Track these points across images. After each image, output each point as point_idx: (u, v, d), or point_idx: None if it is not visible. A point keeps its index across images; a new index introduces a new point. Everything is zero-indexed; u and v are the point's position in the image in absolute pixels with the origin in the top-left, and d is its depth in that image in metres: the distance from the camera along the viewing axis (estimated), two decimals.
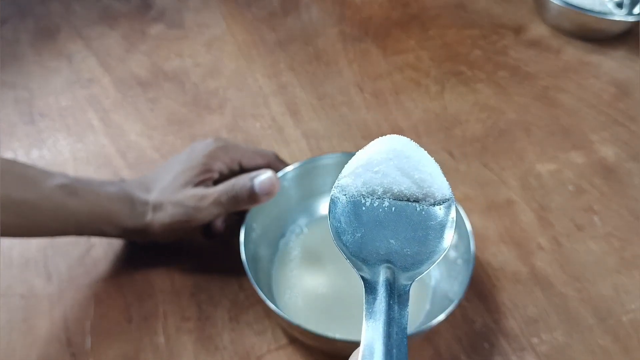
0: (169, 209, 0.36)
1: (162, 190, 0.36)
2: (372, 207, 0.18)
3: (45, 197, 0.34)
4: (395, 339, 0.15)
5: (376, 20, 0.59)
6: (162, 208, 0.36)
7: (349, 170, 0.19)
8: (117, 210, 0.36)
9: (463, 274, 0.34)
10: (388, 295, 0.16)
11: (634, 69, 0.54)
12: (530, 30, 0.58)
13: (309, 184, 0.40)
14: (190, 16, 0.59)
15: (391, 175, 0.18)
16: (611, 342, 0.36)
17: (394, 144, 0.19)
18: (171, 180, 0.37)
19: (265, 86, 0.52)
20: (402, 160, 0.19)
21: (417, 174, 0.18)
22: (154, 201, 0.36)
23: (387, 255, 0.17)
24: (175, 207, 0.35)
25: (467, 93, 0.52)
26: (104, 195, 0.36)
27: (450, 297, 0.34)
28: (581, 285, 0.39)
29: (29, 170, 0.35)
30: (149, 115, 0.50)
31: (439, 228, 0.18)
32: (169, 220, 0.35)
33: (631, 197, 0.44)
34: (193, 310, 0.37)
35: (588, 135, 0.49)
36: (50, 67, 0.53)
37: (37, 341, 0.35)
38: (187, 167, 0.37)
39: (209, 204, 0.35)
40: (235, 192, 0.35)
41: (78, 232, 0.36)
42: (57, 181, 0.35)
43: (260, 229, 0.37)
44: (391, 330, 0.15)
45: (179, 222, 0.35)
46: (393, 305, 0.16)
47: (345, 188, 0.18)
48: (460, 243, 0.35)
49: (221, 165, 0.37)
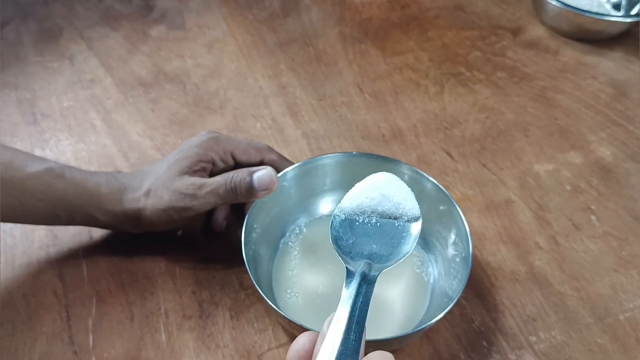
0: (164, 195, 0.35)
1: (157, 178, 0.36)
2: (363, 223, 0.26)
3: (32, 177, 0.35)
4: (360, 304, 0.22)
5: (376, 21, 0.59)
6: (157, 194, 0.36)
7: (348, 196, 0.27)
8: (106, 194, 0.36)
9: (461, 272, 0.34)
10: (361, 279, 0.23)
11: (631, 69, 0.55)
12: (529, 31, 0.59)
13: (308, 183, 0.40)
14: (191, 17, 0.59)
15: (377, 199, 0.26)
16: (609, 341, 0.36)
17: (381, 178, 0.27)
18: (166, 169, 0.37)
19: (266, 87, 0.53)
20: (385, 189, 0.26)
21: (395, 199, 0.26)
22: (148, 187, 0.36)
23: (368, 255, 0.25)
24: (171, 193, 0.35)
25: (466, 93, 0.52)
26: (93, 180, 0.36)
27: (450, 295, 0.34)
28: (579, 284, 0.39)
29: (19, 154, 0.36)
30: (151, 115, 0.50)
31: (408, 238, 0.25)
32: (163, 206, 0.35)
33: (629, 196, 0.45)
34: (194, 309, 0.37)
35: (586, 136, 0.49)
36: (53, 68, 0.54)
37: (39, 339, 0.36)
38: (182, 157, 0.37)
39: (206, 192, 0.35)
40: (234, 184, 0.35)
41: (68, 217, 0.36)
42: (46, 165, 0.36)
43: (261, 229, 0.37)
44: (358, 299, 0.22)
45: (174, 209, 0.35)
46: (363, 285, 0.23)
47: (344, 209, 0.26)
48: (458, 242, 0.36)
49: (214, 155, 0.37)
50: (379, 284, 0.31)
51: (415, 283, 0.37)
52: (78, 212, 0.36)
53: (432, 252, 0.38)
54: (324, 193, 0.41)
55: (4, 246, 0.40)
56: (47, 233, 0.41)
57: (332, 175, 0.40)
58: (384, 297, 0.36)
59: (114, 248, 0.40)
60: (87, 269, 0.39)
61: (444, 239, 0.37)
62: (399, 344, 0.35)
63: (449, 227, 0.37)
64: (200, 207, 0.35)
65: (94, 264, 0.39)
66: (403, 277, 0.38)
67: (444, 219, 0.37)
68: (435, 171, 0.46)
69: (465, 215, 0.35)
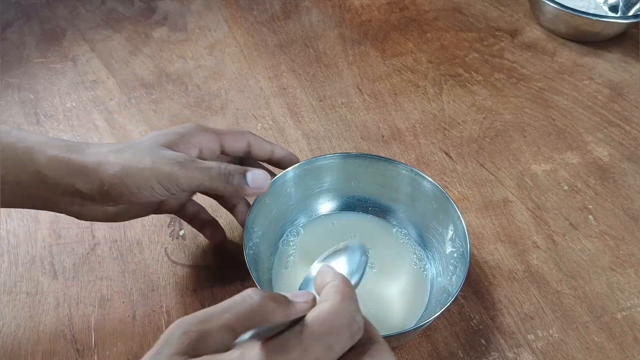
0: (145, 157, 0.29)
1: (137, 143, 0.31)
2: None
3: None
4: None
5: (375, 23, 0.60)
6: (135, 153, 0.30)
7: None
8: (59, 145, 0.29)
9: (460, 268, 0.35)
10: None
11: (628, 70, 0.55)
12: (526, 33, 0.59)
13: (308, 184, 0.40)
14: (193, 20, 0.60)
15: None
16: (606, 339, 0.37)
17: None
18: (148, 138, 0.32)
19: (267, 88, 0.53)
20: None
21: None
22: (122, 147, 0.30)
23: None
24: (155, 157, 0.30)
25: (464, 94, 0.53)
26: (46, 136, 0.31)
27: (449, 291, 0.34)
28: (576, 283, 0.40)
29: None
30: (153, 116, 0.50)
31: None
32: (143, 166, 0.29)
33: (625, 196, 0.45)
34: (195, 307, 0.38)
35: (583, 136, 0.49)
36: (55, 69, 0.54)
37: (42, 338, 0.36)
38: (165, 133, 0.32)
39: (197, 167, 0.30)
40: (229, 170, 0.31)
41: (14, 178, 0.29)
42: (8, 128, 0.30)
43: (261, 229, 0.38)
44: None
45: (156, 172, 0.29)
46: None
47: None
48: (456, 239, 0.36)
49: (202, 140, 0.33)
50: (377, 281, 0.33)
51: (413, 280, 0.38)
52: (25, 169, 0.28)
53: (430, 249, 0.39)
54: (322, 193, 0.41)
55: (7, 245, 0.41)
56: (51, 233, 0.41)
57: (330, 176, 0.40)
58: (383, 294, 0.37)
59: (116, 247, 0.41)
60: (90, 268, 0.40)
61: (442, 236, 0.38)
62: (398, 342, 0.35)
63: (446, 224, 0.37)
64: (186, 181, 0.30)
65: (97, 263, 0.40)
66: (402, 274, 0.38)
67: (441, 216, 0.37)
68: (434, 171, 0.46)
69: (464, 215, 0.36)
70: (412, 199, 0.39)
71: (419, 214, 0.39)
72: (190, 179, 0.30)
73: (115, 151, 0.30)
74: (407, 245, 0.39)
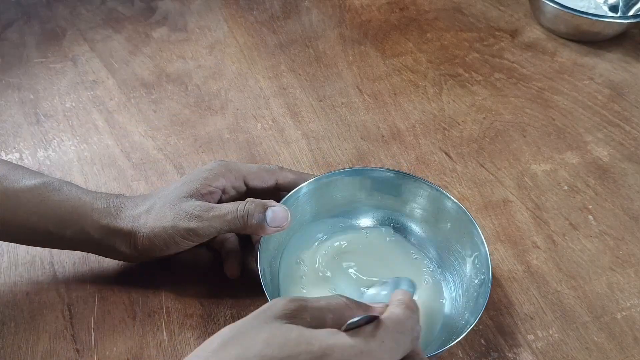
0: (167, 213, 0.34)
1: (162, 197, 0.35)
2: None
3: (28, 190, 0.34)
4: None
5: (375, 23, 0.60)
6: (160, 212, 0.34)
7: None
8: (102, 208, 0.34)
9: (481, 297, 0.34)
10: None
11: (628, 70, 0.55)
12: (526, 33, 0.59)
13: (321, 199, 0.39)
14: (193, 20, 0.60)
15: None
16: (606, 339, 0.37)
17: None
18: (173, 190, 0.35)
19: (267, 88, 0.53)
20: None
21: None
22: (151, 205, 0.34)
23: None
24: (175, 213, 0.33)
25: (464, 95, 0.53)
26: (91, 194, 0.35)
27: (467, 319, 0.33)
28: (576, 283, 0.40)
29: (15, 168, 0.35)
30: (152, 116, 0.50)
31: None
32: (165, 224, 0.33)
33: (625, 196, 0.45)
34: (196, 307, 0.38)
35: (583, 136, 0.50)
36: (55, 69, 0.54)
37: (42, 337, 0.36)
38: (190, 180, 0.36)
39: (213, 216, 0.33)
40: (246, 212, 0.33)
41: (59, 232, 0.34)
42: (44, 179, 0.35)
43: (273, 244, 0.36)
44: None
45: (176, 229, 0.33)
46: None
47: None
48: (477, 263, 0.35)
49: (224, 182, 0.36)
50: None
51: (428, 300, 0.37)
52: (70, 226, 0.34)
53: (449, 270, 0.38)
54: (336, 208, 0.40)
55: (6, 245, 0.41)
56: None
57: (344, 191, 0.39)
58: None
59: None
60: (90, 268, 0.40)
61: (462, 259, 0.37)
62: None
63: (467, 246, 0.36)
64: (204, 231, 0.33)
65: (97, 263, 0.40)
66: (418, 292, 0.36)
67: (464, 239, 0.37)
68: (433, 171, 0.46)
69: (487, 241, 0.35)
70: (436, 218, 0.38)
71: (442, 233, 0.38)
72: (207, 229, 0.34)
73: (146, 212, 0.34)
74: (423, 263, 0.38)
